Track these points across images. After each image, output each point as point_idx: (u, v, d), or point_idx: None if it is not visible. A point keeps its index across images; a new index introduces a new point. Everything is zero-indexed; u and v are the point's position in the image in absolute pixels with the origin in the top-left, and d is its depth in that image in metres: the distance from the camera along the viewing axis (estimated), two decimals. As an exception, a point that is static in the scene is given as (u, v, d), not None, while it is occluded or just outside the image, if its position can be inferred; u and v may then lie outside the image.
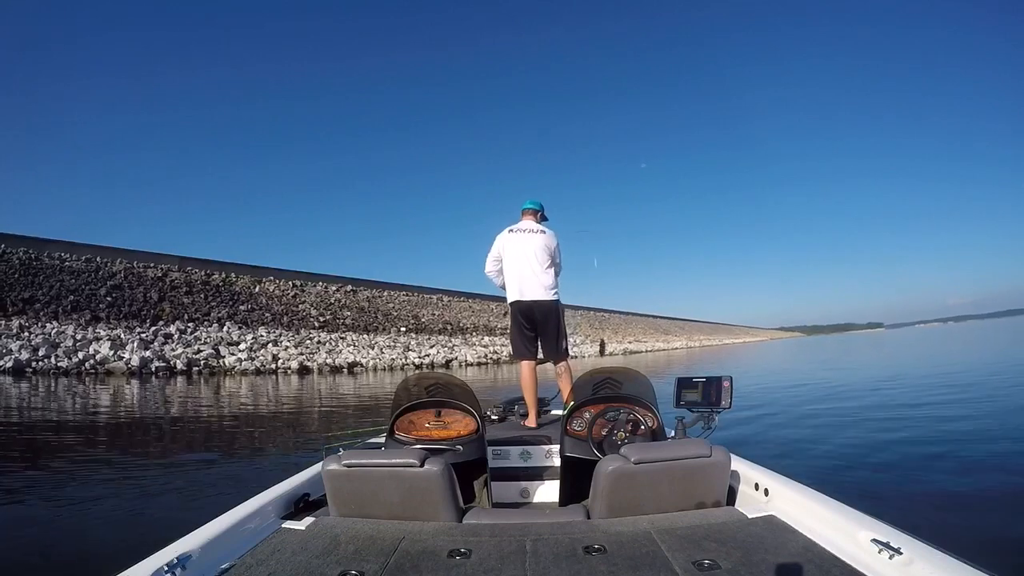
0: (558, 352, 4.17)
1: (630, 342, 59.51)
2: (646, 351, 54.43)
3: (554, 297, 4.18)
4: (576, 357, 39.06)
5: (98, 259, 27.16)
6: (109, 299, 23.99)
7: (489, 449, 2.90)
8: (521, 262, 4.19)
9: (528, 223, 4.35)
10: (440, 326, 38.73)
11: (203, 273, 30.93)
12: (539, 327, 4.17)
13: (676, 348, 64.82)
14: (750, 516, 1.83)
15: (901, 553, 1.40)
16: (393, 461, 1.99)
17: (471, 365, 29.19)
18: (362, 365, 24.66)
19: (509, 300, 4.27)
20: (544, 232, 4.25)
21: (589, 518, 1.96)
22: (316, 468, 2.34)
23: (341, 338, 29.17)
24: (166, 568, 1.43)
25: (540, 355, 4.29)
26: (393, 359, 26.73)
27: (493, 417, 4.16)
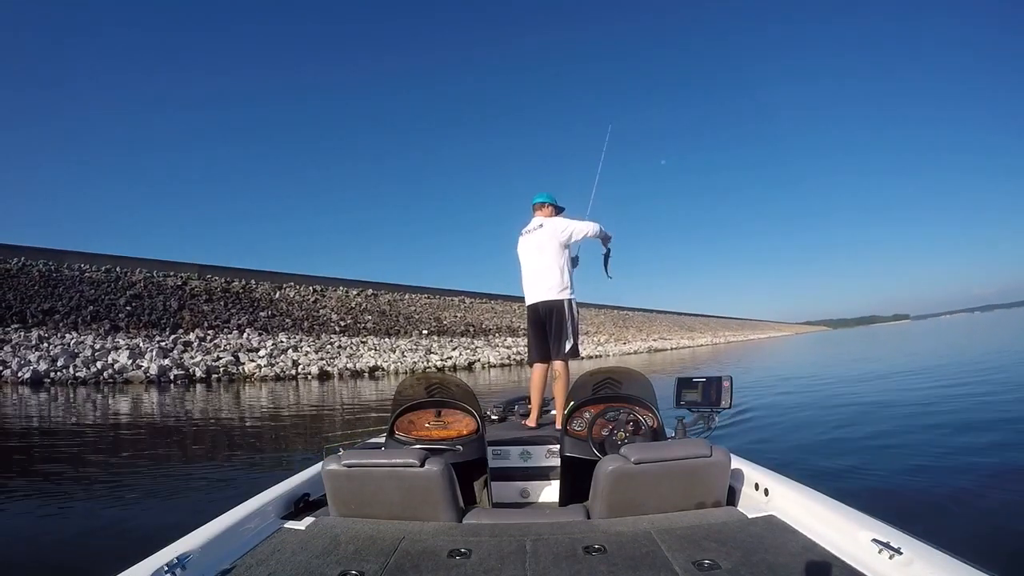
0: (559, 353, 3.97)
1: (655, 340, 58.22)
2: (671, 348, 53.14)
3: (559, 296, 3.99)
4: (600, 356, 38.55)
5: (117, 269, 27.08)
6: (128, 308, 23.78)
7: (489, 449, 2.91)
8: (527, 264, 4.13)
9: (534, 220, 4.20)
10: (462, 328, 38.07)
11: (223, 280, 30.75)
12: (546, 327, 4.03)
13: (701, 345, 63.30)
14: (750, 516, 1.82)
15: (901, 553, 1.39)
16: (393, 461, 1.97)
17: (494, 367, 28.36)
18: (383, 369, 24.02)
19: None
20: (542, 226, 4.05)
21: (589, 518, 1.95)
22: (316, 468, 2.32)
23: (362, 342, 28.65)
24: (166, 568, 1.42)
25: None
26: (415, 362, 26.05)
27: (493, 417, 4.12)
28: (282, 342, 24.96)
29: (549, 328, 3.99)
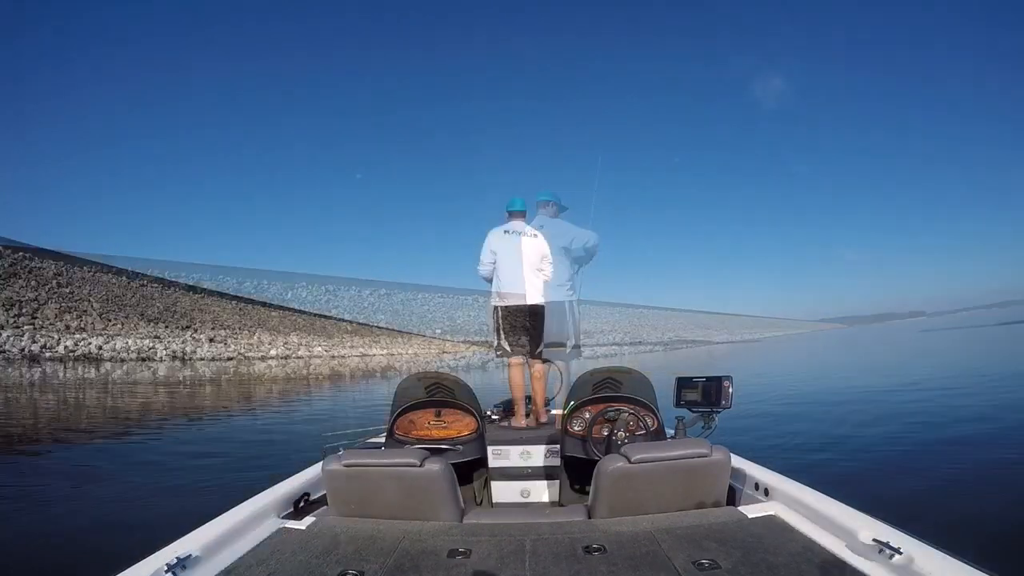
0: (535, 352, 4.00)
1: (671, 338, 57.46)
2: (687, 346, 52.45)
3: (559, 297, 4.06)
4: (616, 355, 38.05)
5: (129, 269, 27.03)
6: (140, 308, 23.67)
7: (489, 449, 2.92)
8: (528, 264, 4.06)
9: (536, 219, 4.20)
10: (476, 327, 37.72)
11: (234, 281, 30.54)
12: (530, 326, 4.00)
13: (718, 342, 62.45)
14: (750, 516, 1.81)
15: (901, 553, 1.38)
16: (393, 461, 1.99)
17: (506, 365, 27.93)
18: (395, 368, 23.67)
19: (499, 303, 4.12)
20: (537, 236, 4.08)
21: (589, 518, 1.96)
22: (316, 468, 2.34)
23: (374, 341, 28.35)
24: (166, 568, 1.41)
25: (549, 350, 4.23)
26: (427, 361, 25.72)
27: (493, 417, 4.06)
28: (293, 341, 24.74)
29: (534, 327, 4.01)
